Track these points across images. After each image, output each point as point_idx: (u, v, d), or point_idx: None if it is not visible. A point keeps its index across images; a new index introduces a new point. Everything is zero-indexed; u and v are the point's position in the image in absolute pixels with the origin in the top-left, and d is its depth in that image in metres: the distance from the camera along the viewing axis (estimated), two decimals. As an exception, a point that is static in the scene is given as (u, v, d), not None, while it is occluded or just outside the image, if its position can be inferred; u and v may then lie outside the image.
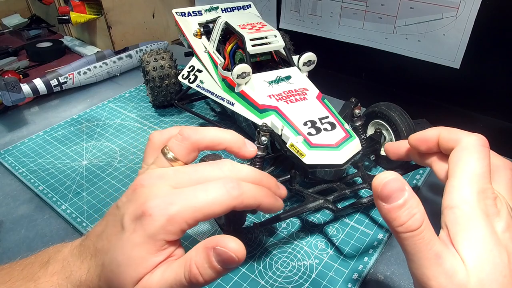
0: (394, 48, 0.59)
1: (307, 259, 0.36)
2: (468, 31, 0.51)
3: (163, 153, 0.27)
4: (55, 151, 0.52)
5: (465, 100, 0.56)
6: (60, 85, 0.65)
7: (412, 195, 0.23)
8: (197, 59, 0.53)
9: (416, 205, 0.23)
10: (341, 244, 0.37)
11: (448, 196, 0.24)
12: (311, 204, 0.36)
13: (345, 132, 0.38)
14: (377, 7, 0.59)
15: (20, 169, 0.49)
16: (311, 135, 0.37)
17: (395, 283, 0.34)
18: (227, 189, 0.25)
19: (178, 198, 0.24)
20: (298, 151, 0.36)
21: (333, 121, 0.39)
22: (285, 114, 0.39)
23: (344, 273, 0.34)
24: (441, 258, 0.23)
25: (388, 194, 0.23)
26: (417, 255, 0.23)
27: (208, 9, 0.59)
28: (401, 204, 0.23)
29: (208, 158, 0.36)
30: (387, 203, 0.23)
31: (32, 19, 0.98)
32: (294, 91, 0.43)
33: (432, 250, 0.23)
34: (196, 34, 0.56)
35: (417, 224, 0.23)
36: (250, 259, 0.36)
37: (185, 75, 0.53)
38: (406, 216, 0.23)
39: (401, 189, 0.23)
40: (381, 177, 0.24)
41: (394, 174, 0.24)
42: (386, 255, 0.36)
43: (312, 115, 0.39)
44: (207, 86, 0.49)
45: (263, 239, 0.38)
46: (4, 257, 0.38)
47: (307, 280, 0.34)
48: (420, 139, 0.30)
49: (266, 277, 0.34)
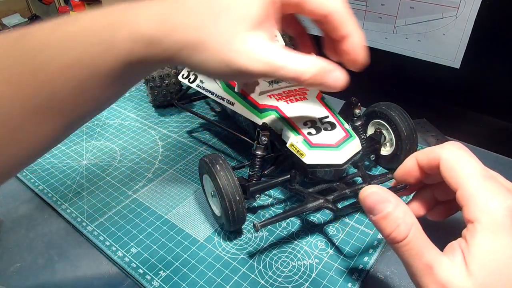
0: (394, 48, 0.59)
1: (307, 259, 0.36)
2: (468, 31, 0.51)
3: None
4: (55, 151, 0.52)
5: (465, 100, 0.56)
6: (60, 85, 0.65)
7: (397, 206, 0.24)
8: None
9: (401, 217, 0.24)
10: (341, 244, 0.37)
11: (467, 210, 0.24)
12: (311, 204, 0.36)
13: (345, 132, 0.38)
14: (377, 7, 0.59)
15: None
16: (311, 135, 0.37)
17: (395, 283, 0.34)
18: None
19: None
20: (298, 151, 0.36)
21: (333, 121, 0.39)
22: (285, 114, 0.39)
23: (344, 272, 0.34)
24: (433, 268, 0.23)
25: (370, 206, 0.25)
26: (409, 264, 0.24)
27: None
28: (384, 216, 0.24)
29: (208, 158, 0.36)
30: (372, 215, 0.25)
31: (32, 19, 0.98)
32: (294, 91, 0.43)
33: (423, 260, 0.23)
34: None
35: (402, 236, 0.23)
36: (250, 258, 0.36)
37: (185, 75, 0.53)
38: (390, 228, 0.24)
39: (383, 201, 0.24)
40: (364, 191, 0.25)
41: (377, 187, 0.25)
42: (386, 255, 0.36)
43: (312, 115, 0.39)
44: (207, 86, 0.49)
45: (263, 239, 0.38)
46: (4, 257, 0.38)
47: (307, 279, 0.34)
48: (404, 174, 0.30)
49: (266, 277, 0.34)
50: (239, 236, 0.38)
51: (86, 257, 0.37)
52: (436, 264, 0.23)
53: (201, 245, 0.38)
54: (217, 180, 0.34)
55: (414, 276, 0.24)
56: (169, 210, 0.42)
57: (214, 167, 0.35)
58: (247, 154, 0.50)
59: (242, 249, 0.37)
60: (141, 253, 0.37)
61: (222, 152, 0.51)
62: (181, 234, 0.39)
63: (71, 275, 0.36)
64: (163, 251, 0.37)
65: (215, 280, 0.34)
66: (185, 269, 0.35)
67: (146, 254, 0.37)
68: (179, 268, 0.36)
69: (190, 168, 0.48)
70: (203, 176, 0.39)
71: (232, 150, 0.52)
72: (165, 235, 0.39)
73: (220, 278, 0.34)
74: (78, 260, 0.37)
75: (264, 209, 0.42)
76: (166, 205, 0.43)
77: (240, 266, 0.35)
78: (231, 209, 0.34)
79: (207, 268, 0.35)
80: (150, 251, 0.37)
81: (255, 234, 0.39)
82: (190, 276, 0.35)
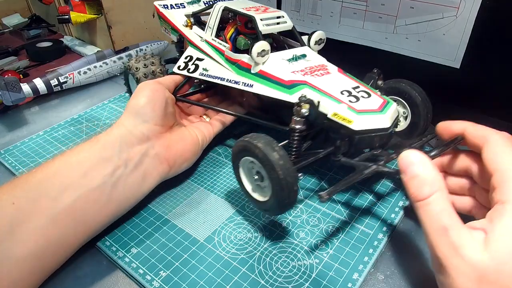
0: (394, 48, 0.59)
1: (307, 259, 0.36)
2: (468, 31, 0.51)
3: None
4: (55, 151, 0.52)
5: (465, 100, 0.56)
6: (60, 84, 0.65)
7: (429, 172, 0.27)
8: (194, 48, 0.52)
9: (429, 180, 0.27)
10: (341, 244, 0.37)
11: (499, 191, 0.26)
12: (367, 170, 0.34)
13: (382, 98, 0.38)
14: (378, 6, 0.59)
15: (21, 169, 0.49)
16: (352, 102, 0.37)
17: (395, 283, 0.34)
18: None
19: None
20: (344, 118, 0.35)
21: (366, 90, 0.39)
22: (318, 87, 0.39)
23: (344, 272, 0.34)
24: (448, 231, 0.25)
25: (403, 167, 0.28)
26: (425, 224, 0.26)
27: (190, 1, 0.58)
28: (412, 176, 0.27)
29: (249, 138, 0.34)
30: (405, 175, 0.28)
31: (32, 19, 0.98)
32: (315, 67, 0.42)
33: (440, 222, 0.25)
34: (187, 24, 0.54)
35: (422, 196, 0.26)
36: (250, 259, 0.36)
37: (182, 66, 0.51)
38: (415, 187, 0.27)
39: (414, 164, 0.27)
40: (402, 153, 0.29)
41: (415, 152, 0.28)
42: (386, 255, 0.36)
43: (344, 86, 0.39)
44: (214, 73, 0.47)
45: (263, 239, 0.38)
46: (4, 257, 0.38)
47: (307, 280, 0.34)
48: (445, 128, 0.33)
49: (266, 277, 0.34)
50: (239, 236, 0.39)
51: (86, 257, 0.37)
52: (453, 229, 0.25)
53: (201, 245, 0.38)
54: (267, 158, 0.32)
55: (428, 236, 0.26)
56: (169, 210, 0.42)
57: (259, 145, 0.33)
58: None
59: (242, 249, 0.37)
60: (141, 253, 0.37)
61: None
62: (181, 234, 0.39)
63: (71, 275, 0.36)
64: (163, 251, 0.37)
65: (215, 280, 0.34)
66: (185, 269, 0.35)
67: (146, 254, 0.37)
68: (179, 268, 0.36)
69: (190, 167, 0.48)
70: (242, 160, 0.36)
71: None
72: (165, 235, 0.39)
73: (220, 278, 0.34)
74: (78, 260, 0.37)
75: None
76: (166, 205, 0.43)
77: (240, 266, 0.35)
78: (286, 188, 0.32)
79: (207, 268, 0.35)
80: (150, 251, 0.37)
81: (255, 234, 0.39)
82: (190, 276, 0.35)
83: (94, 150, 0.37)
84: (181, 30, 0.54)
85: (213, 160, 0.50)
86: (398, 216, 0.40)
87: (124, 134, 0.39)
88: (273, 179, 0.32)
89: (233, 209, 0.42)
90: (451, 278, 0.24)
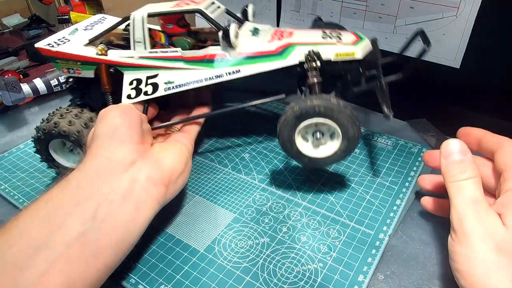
0: (394, 47, 0.59)
1: (311, 263, 0.35)
2: (468, 31, 0.51)
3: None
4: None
5: (465, 100, 0.56)
6: (60, 85, 0.65)
7: (471, 162, 0.31)
8: (135, 70, 0.43)
9: (471, 168, 0.30)
10: (344, 246, 0.37)
11: (509, 181, 0.30)
12: (384, 80, 0.39)
13: (351, 32, 0.43)
14: (377, 6, 0.59)
15: (21, 172, 0.49)
16: (340, 41, 0.40)
17: (395, 283, 0.34)
18: None
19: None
20: (347, 54, 0.39)
21: (334, 31, 0.43)
22: (304, 42, 0.40)
23: (349, 275, 0.34)
24: (479, 203, 0.29)
25: (447, 154, 0.32)
26: (457, 198, 0.30)
27: (71, 32, 0.49)
28: (458, 161, 0.31)
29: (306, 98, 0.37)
30: (445, 159, 0.32)
31: (32, 19, 0.98)
32: (278, 31, 0.44)
33: (474, 196, 0.29)
34: (101, 53, 0.43)
35: (464, 177, 0.30)
36: (253, 267, 0.35)
37: (133, 94, 0.43)
38: (456, 170, 0.31)
39: (462, 152, 0.31)
40: (445, 142, 0.32)
41: (457, 141, 0.32)
42: (386, 255, 0.36)
43: (317, 34, 0.42)
44: (183, 81, 0.42)
45: (264, 245, 0.37)
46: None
47: (313, 285, 0.33)
48: (466, 134, 0.37)
49: (272, 284, 0.34)
50: (240, 243, 0.38)
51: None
52: (483, 203, 0.29)
53: (202, 255, 0.36)
54: (331, 106, 0.35)
55: (456, 207, 0.29)
56: (165, 220, 0.40)
57: (324, 102, 0.35)
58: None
59: (244, 257, 0.36)
60: (140, 268, 0.35)
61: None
62: (180, 245, 0.38)
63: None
64: (162, 264, 0.36)
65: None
66: (187, 281, 0.34)
67: (145, 269, 0.35)
68: (180, 281, 0.34)
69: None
70: (301, 124, 0.37)
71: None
72: (163, 247, 0.37)
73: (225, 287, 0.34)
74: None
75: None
76: (161, 216, 0.39)
77: (243, 275, 0.34)
78: (357, 130, 0.36)
79: (210, 279, 0.34)
80: (149, 264, 0.36)
81: (256, 240, 0.38)
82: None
83: (65, 195, 0.30)
84: (101, 59, 0.43)
85: (206, 167, 0.48)
86: (397, 215, 0.40)
87: (102, 164, 0.32)
88: (344, 129, 0.36)
89: (232, 216, 0.41)
90: (472, 246, 0.27)
